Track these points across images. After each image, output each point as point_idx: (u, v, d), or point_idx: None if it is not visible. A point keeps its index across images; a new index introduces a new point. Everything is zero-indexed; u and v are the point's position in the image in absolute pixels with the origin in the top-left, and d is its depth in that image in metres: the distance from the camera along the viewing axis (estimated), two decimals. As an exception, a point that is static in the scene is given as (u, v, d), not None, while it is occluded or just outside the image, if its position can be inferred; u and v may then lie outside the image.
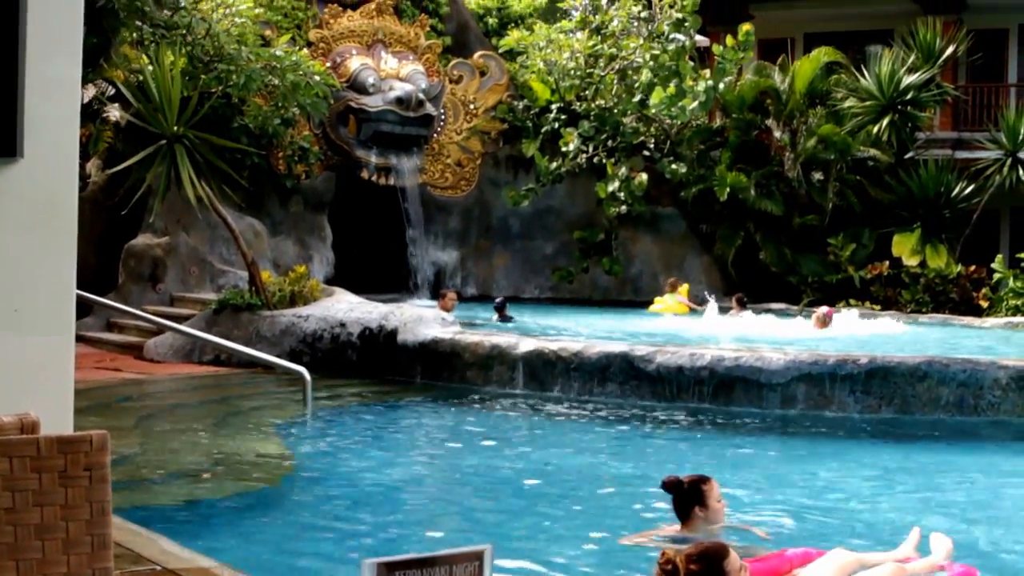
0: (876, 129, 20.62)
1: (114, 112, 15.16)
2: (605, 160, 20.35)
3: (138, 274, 15.90)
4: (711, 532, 6.06)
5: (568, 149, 20.23)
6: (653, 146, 20.90)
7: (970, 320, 18.10)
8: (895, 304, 19.20)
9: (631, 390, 11.35)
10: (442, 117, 19.93)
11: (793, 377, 10.86)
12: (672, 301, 18.61)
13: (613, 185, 19.97)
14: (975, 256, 20.04)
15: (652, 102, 19.96)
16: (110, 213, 15.64)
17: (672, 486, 6.23)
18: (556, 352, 11.76)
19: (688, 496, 6.18)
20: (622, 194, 19.94)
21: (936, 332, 16.42)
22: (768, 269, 20.35)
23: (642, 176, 19.99)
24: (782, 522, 6.89)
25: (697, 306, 18.47)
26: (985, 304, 18.98)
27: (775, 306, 19.10)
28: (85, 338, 14.16)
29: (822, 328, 15.63)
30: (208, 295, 15.38)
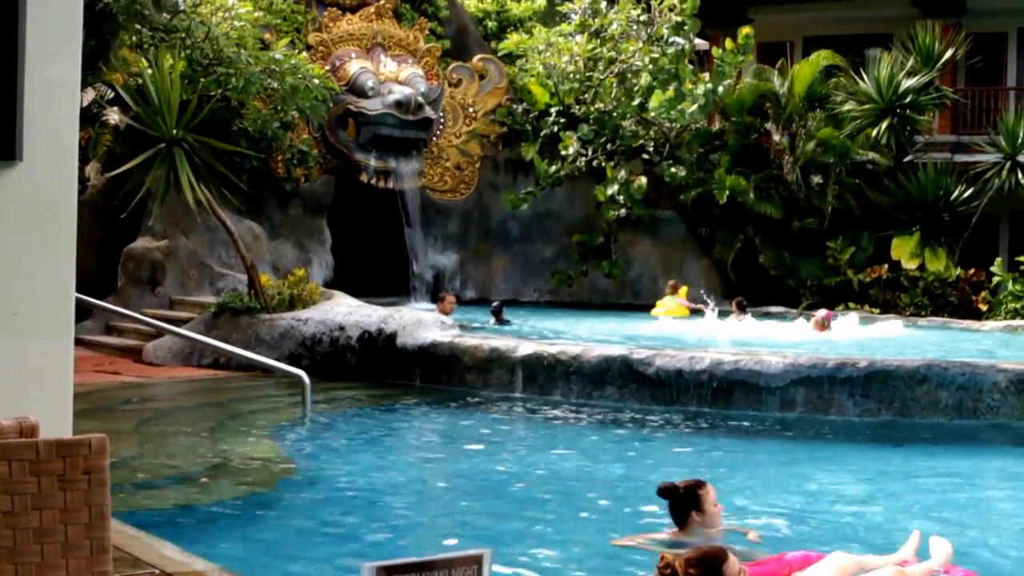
0: (875, 132, 20.63)
1: (113, 115, 15.16)
2: (604, 163, 20.35)
3: (137, 277, 15.90)
4: (708, 536, 6.05)
5: (567, 153, 20.23)
6: (652, 149, 20.91)
7: (969, 323, 18.09)
8: (894, 307, 19.20)
9: (630, 393, 11.35)
10: (441, 120, 19.94)
11: (792, 380, 10.85)
12: (673, 303, 18.61)
13: (612, 188, 19.97)
14: (974, 259, 20.05)
15: (651, 105, 19.97)
16: (109, 216, 15.64)
17: (668, 492, 6.22)
18: (555, 355, 11.75)
19: (684, 501, 6.18)
20: (621, 197, 19.94)
21: (935, 335, 16.42)
22: (767, 272, 20.35)
23: (641, 179, 19.99)
24: (781, 525, 6.88)
25: (697, 303, 18.47)
26: (984, 307, 18.98)
27: (774, 309, 19.11)
28: (84, 341, 14.16)
29: (821, 331, 15.64)
30: (207, 298, 15.39)
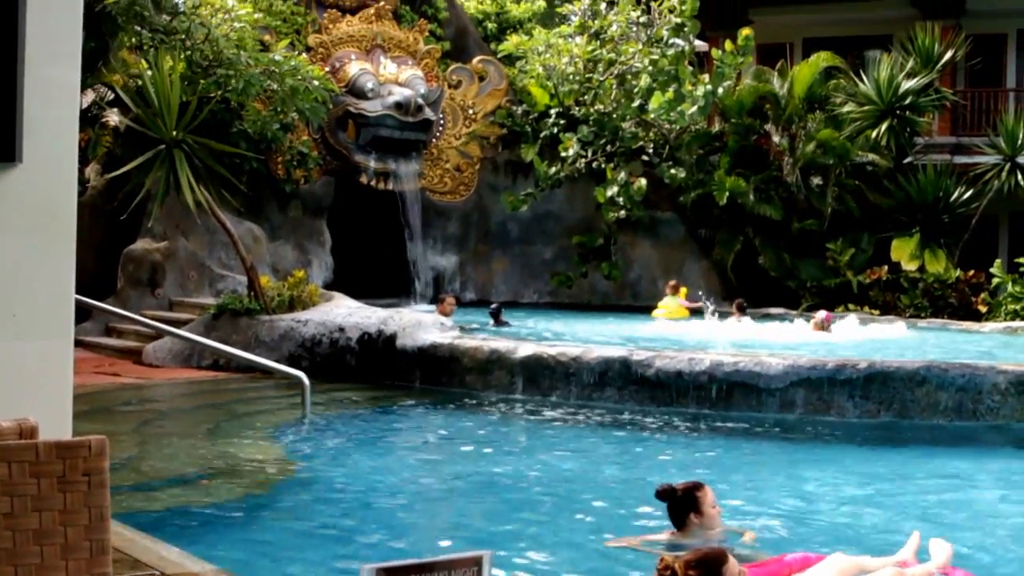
0: (875, 134, 20.63)
1: (113, 117, 15.15)
2: (604, 165, 20.35)
3: (137, 279, 15.90)
4: (707, 538, 6.05)
5: (567, 154, 20.24)
6: (652, 151, 20.91)
7: (969, 325, 18.08)
8: (894, 309, 19.20)
9: (630, 395, 11.35)
10: (441, 122, 19.94)
11: (792, 382, 10.85)
12: (674, 304, 18.59)
13: (612, 190, 19.97)
14: (974, 261, 20.05)
15: (651, 107, 19.97)
16: (109, 218, 15.65)
17: (666, 494, 6.23)
18: (555, 357, 11.75)
19: (682, 503, 6.18)
20: (621, 199, 19.93)
21: (935, 337, 16.42)
22: (767, 274, 20.34)
23: (641, 181, 19.99)
24: (781, 527, 6.88)
25: (696, 303, 18.49)
26: (984, 309, 18.98)
27: (774, 311, 19.10)
28: (84, 343, 14.16)
29: (820, 332, 15.64)
30: (207, 300, 15.39)
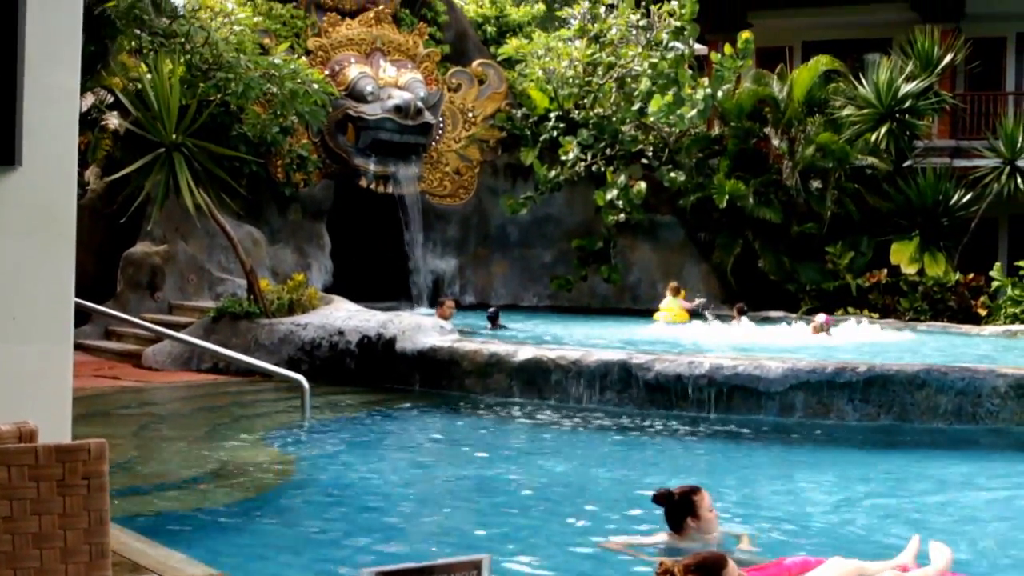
0: (874, 137, 20.63)
1: (113, 120, 15.16)
2: (603, 168, 20.36)
3: (136, 282, 15.90)
4: (705, 542, 6.05)
5: (567, 158, 20.25)
6: (651, 154, 20.92)
7: (968, 328, 18.09)
8: (893, 312, 19.20)
9: (629, 398, 11.35)
10: (440, 125, 19.95)
11: (791, 385, 10.85)
12: (675, 306, 18.57)
13: (611, 193, 19.97)
14: (973, 264, 20.05)
15: (650, 110, 19.98)
16: (109, 221, 15.64)
17: (663, 498, 6.23)
18: (554, 360, 11.75)
19: (679, 507, 6.18)
20: (620, 202, 19.93)
21: (934, 340, 16.42)
22: (767, 277, 20.34)
23: (640, 184, 20.00)
24: (780, 530, 6.88)
25: (694, 303, 18.50)
26: (983, 312, 18.98)
27: (773, 314, 19.10)
28: (83, 346, 14.14)
29: (818, 335, 15.64)
30: (206, 303, 15.38)
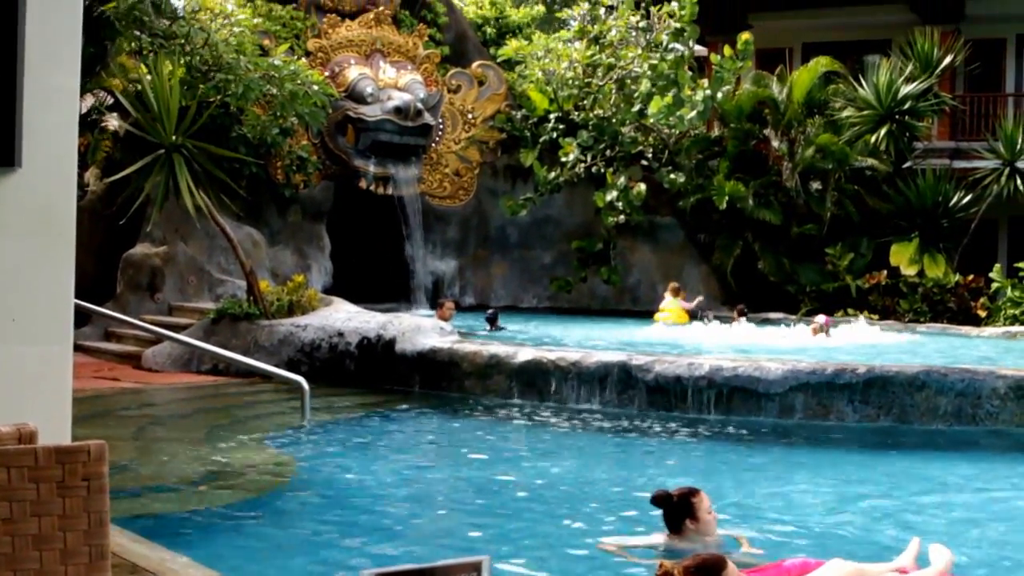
0: (874, 139, 20.64)
1: (112, 121, 15.16)
2: (603, 170, 20.36)
3: (136, 283, 15.90)
4: (704, 544, 6.05)
5: (567, 160, 20.25)
6: (651, 156, 20.93)
7: (968, 330, 18.09)
8: (893, 313, 19.21)
9: (629, 400, 11.34)
10: (440, 127, 19.95)
11: (791, 386, 10.84)
12: (675, 307, 18.57)
13: (611, 195, 19.97)
14: (973, 266, 20.06)
15: (650, 112, 19.98)
16: (108, 222, 15.64)
17: (661, 500, 6.23)
18: (554, 361, 11.74)
19: (678, 509, 6.18)
20: (620, 203, 19.94)
21: (934, 342, 16.41)
22: (766, 278, 20.35)
23: (640, 186, 20.00)
24: (779, 532, 6.87)
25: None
26: (983, 314, 18.98)
27: (773, 315, 19.11)
28: (83, 347, 14.15)
29: (818, 337, 15.64)
30: (206, 304, 15.38)
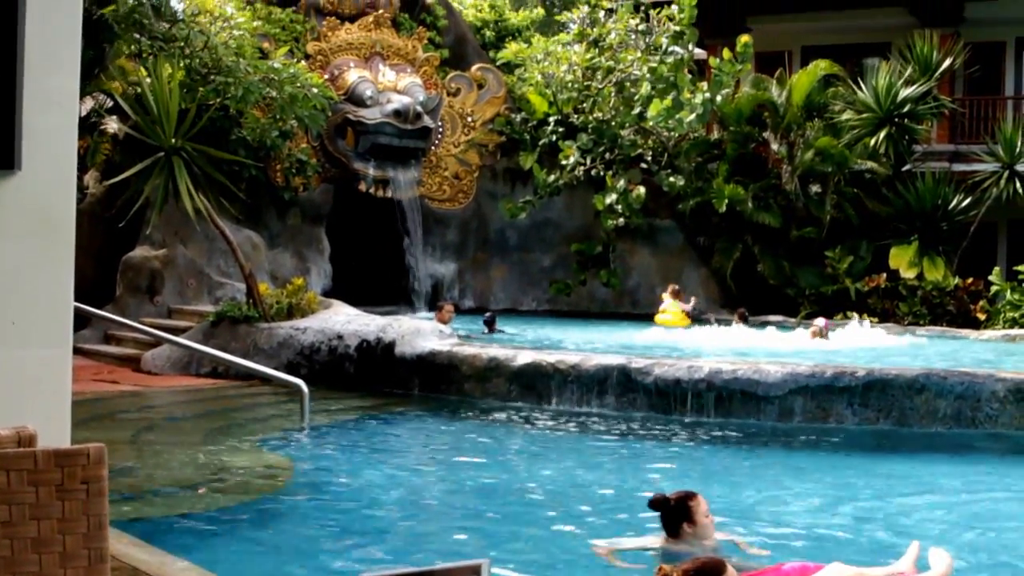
0: (873, 142, 20.65)
1: (112, 124, 15.17)
2: (603, 172, 20.36)
3: (136, 286, 15.90)
4: (702, 547, 6.05)
5: (567, 162, 20.26)
6: (651, 158, 20.93)
7: (967, 332, 18.09)
8: (892, 316, 19.20)
9: (628, 403, 11.34)
10: (440, 130, 19.96)
11: (791, 389, 10.84)
12: (675, 309, 18.55)
13: (611, 197, 19.98)
14: (972, 269, 20.05)
15: (650, 114, 19.98)
16: (108, 225, 15.64)
17: (659, 504, 6.23)
18: (553, 364, 11.74)
19: (675, 513, 6.19)
20: (620, 206, 19.94)
21: (933, 345, 16.41)
22: (766, 281, 20.34)
23: (640, 189, 20.00)
24: (778, 536, 6.87)
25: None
26: (982, 316, 18.98)
27: (773, 318, 19.10)
28: (83, 350, 14.14)
29: (816, 339, 15.63)
30: (206, 307, 15.37)
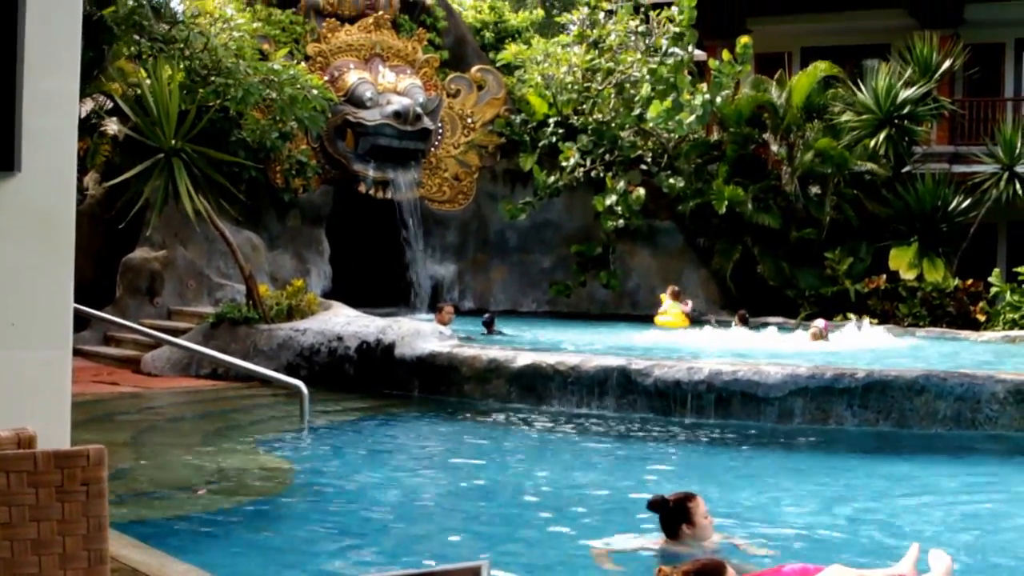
0: (873, 143, 20.65)
1: (112, 126, 15.17)
2: (603, 174, 20.37)
3: (136, 288, 15.90)
4: (702, 548, 6.05)
5: (567, 164, 20.26)
6: (651, 160, 20.92)
7: (967, 334, 18.09)
8: (892, 318, 19.20)
9: (628, 404, 11.33)
10: (440, 131, 19.96)
11: (790, 391, 10.84)
12: (675, 310, 18.54)
13: (611, 199, 19.98)
14: (972, 270, 20.05)
15: (649, 116, 19.98)
16: (108, 227, 15.64)
17: (657, 505, 6.23)
18: (553, 366, 11.74)
19: (674, 514, 6.19)
20: (620, 208, 19.94)
21: (933, 346, 16.41)
22: (766, 283, 20.34)
23: (640, 190, 20.00)
24: (778, 537, 6.86)
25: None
26: (982, 318, 18.98)
27: (773, 320, 19.09)
28: (82, 352, 14.15)
29: (816, 341, 15.62)
30: (206, 309, 15.37)
